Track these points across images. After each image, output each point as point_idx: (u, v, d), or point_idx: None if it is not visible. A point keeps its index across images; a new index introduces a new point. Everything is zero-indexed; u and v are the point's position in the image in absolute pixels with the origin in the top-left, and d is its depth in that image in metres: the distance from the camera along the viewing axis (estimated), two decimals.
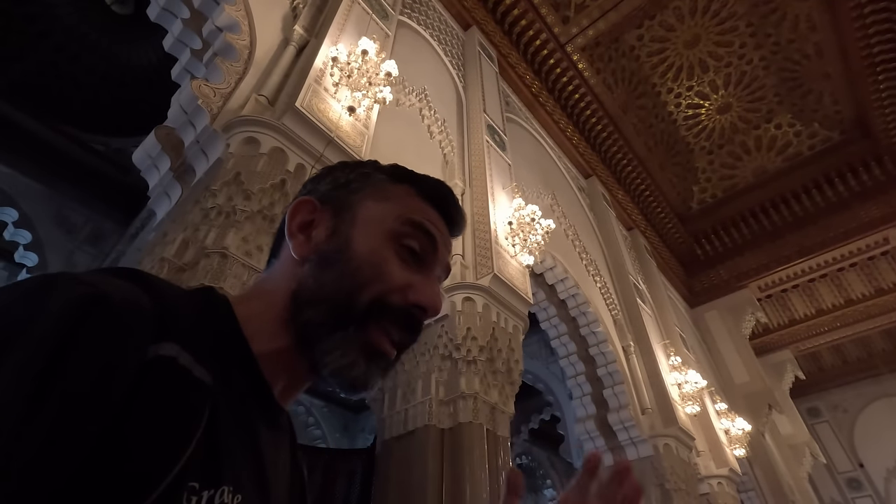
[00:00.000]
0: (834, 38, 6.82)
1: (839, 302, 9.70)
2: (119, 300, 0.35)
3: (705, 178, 9.13)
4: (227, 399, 0.40)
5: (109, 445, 0.30)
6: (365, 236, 0.52)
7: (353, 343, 0.48)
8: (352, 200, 0.55)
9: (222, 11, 2.73)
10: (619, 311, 5.72)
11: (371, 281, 0.49)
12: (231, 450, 0.39)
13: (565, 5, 6.61)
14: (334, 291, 0.49)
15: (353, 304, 0.48)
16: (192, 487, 0.34)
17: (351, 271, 0.49)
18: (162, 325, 0.37)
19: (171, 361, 0.36)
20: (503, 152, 4.43)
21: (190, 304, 0.44)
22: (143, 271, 0.42)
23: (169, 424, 0.34)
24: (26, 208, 4.78)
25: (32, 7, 4.62)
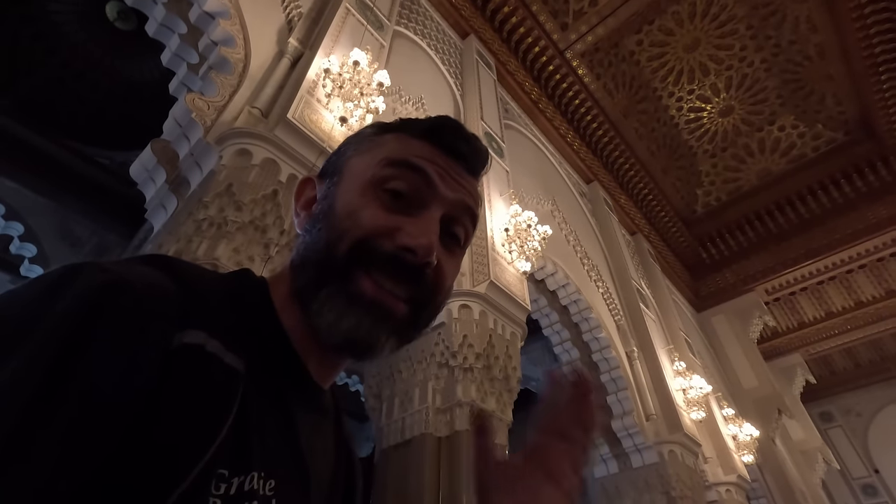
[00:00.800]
0: (835, 38, 6.79)
1: (849, 304, 9.56)
2: (141, 287, 0.34)
3: (709, 181, 9.08)
4: (260, 385, 0.39)
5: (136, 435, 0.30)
6: (346, 191, 0.48)
7: (338, 296, 0.44)
8: (339, 164, 0.52)
9: (217, 26, 2.78)
10: (622, 316, 5.68)
11: (349, 229, 0.45)
12: (264, 436, 0.38)
13: (563, 12, 6.64)
14: (316, 250, 0.46)
15: (332, 255, 0.45)
16: (222, 475, 0.33)
17: (330, 226, 0.47)
18: (188, 312, 0.36)
19: (199, 349, 0.35)
20: (501, 159, 4.44)
21: (221, 290, 0.43)
22: (173, 258, 0.42)
23: (197, 413, 0.33)
24: (32, 222, 4.86)
25: (39, 26, 4.73)
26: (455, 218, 0.50)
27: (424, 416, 2.74)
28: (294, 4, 3.33)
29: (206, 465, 0.32)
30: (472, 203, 0.52)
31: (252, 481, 0.35)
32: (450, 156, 0.51)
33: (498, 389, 2.99)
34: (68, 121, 5.15)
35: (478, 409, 0.53)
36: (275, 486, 0.37)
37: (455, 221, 0.50)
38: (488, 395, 2.91)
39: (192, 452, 0.32)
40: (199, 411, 0.33)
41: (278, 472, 0.38)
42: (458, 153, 0.51)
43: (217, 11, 2.85)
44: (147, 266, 0.38)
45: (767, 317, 9.05)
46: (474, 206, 0.52)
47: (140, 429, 0.30)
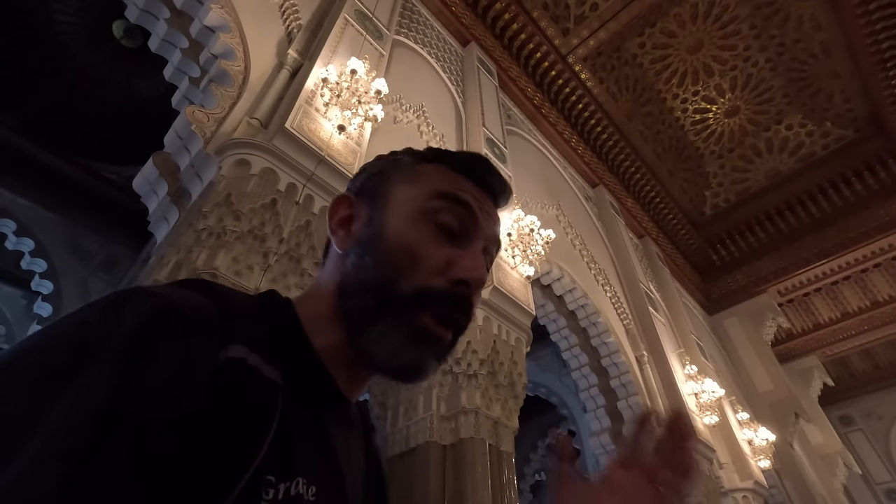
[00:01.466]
0: (840, 35, 6.72)
1: (865, 304, 9.37)
2: (188, 310, 0.37)
3: (717, 182, 9.00)
4: (295, 396, 0.41)
5: (189, 448, 0.32)
6: (397, 219, 0.51)
7: (400, 329, 0.47)
8: (384, 187, 0.55)
9: (217, 39, 2.82)
10: (630, 320, 5.61)
11: (409, 266, 0.48)
12: (303, 444, 0.40)
13: (564, 17, 6.66)
14: (374, 278, 0.48)
15: (395, 291, 0.47)
16: (269, 481, 0.35)
17: (387, 255, 0.49)
18: (229, 330, 0.39)
19: (241, 363, 0.38)
20: (504, 165, 4.44)
21: (254, 309, 0.45)
22: (209, 281, 0.45)
23: (244, 423, 0.35)
24: (42, 237, 4.95)
25: (47, 48, 4.85)
26: (489, 249, 0.55)
27: (429, 424, 2.72)
28: (293, 17, 3.37)
29: (256, 471, 0.34)
30: (499, 234, 0.58)
31: (298, 486, 0.37)
32: (485, 190, 0.55)
33: (503, 396, 2.96)
34: (77, 138, 5.26)
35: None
36: (316, 493, 0.39)
37: (486, 251, 0.54)
38: (493, 402, 2.88)
39: (242, 460, 0.34)
40: (245, 420, 0.36)
41: (318, 480, 0.40)
42: (492, 189, 0.56)
43: (217, 25, 2.90)
44: (189, 290, 0.41)
45: (781, 318, 8.90)
46: (500, 237, 0.58)
47: (192, 441, 0.32)
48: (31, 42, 4.86)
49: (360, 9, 3.71)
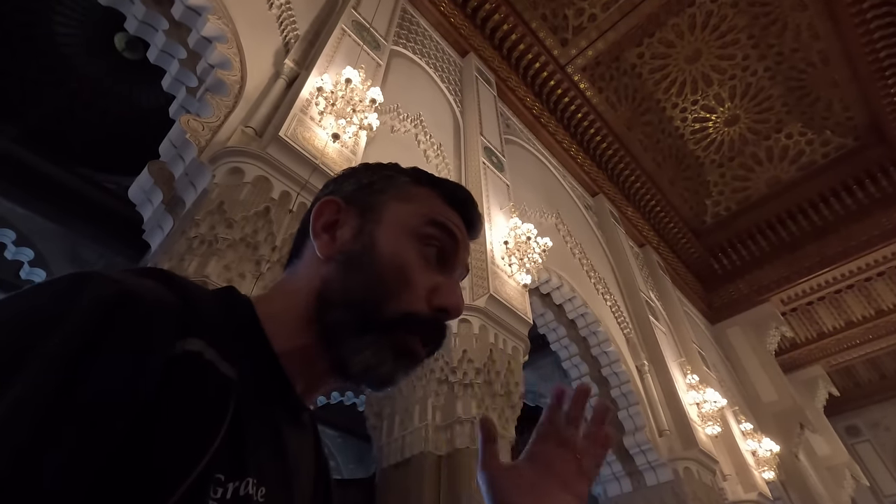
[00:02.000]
0: (838, 45, 6.74)
1: (869, 313, 9.29)
2: (148, 298, 0.36)
3: (718, 191, 8.98)
4: (250, 395, 0.41)
5: (137, 438, 0.31)
6: (390, 237, 0.52)
7: (383, 345, 0.48)
8: (376, 201, 0.55)
9: (214, 50, 2.85)
10: (631, 329, 5.57)
11: (399, 289, 0.49)
12: (255, 444, 0.39)
13: (563, 28, 6.70)
14: (362, 297, 0.49)
15: (381, 312, 0.48)
16: (218, 479, 0.34)
17: (377, 276, 0.49)
18: (187, 322, 0.38)
19: (198, 356, 0.37)
20: (501, 173, 4.44)
21: (213, 303, 0.45)
22: (169, 271, 0.44)
23: (196, 417, 0.35)
24: (41, 247, 4.97)
25: (49, 59, 4.91)
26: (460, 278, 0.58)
27: (424, 434, 2.69)
28: (291, 27, 3.40)
29: (204, 468, 0.33)
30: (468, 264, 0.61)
31: (247, 487, 0.36)
32: (466, 223, 0.58)
33: (500, 405, 2.93)
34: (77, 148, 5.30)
35: (483, 416, 0.59)
36: (266, 494, 0.38)
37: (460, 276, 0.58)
38: (489, 412, 2.84)
39: (191, 455, 0.33)
40: (197, 415, 0.35)
41: (268, 481, 0.39)
42: (472, 225, 0.59)
43: (214, 36, 2.92)
44: (149, 279, 0.40)
45: (784, 327, 8.83)
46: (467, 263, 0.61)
47: (141, 431, 0.31)
48: (33, 53, 4.92)
49: (358, 20, 3.74)
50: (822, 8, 6.37)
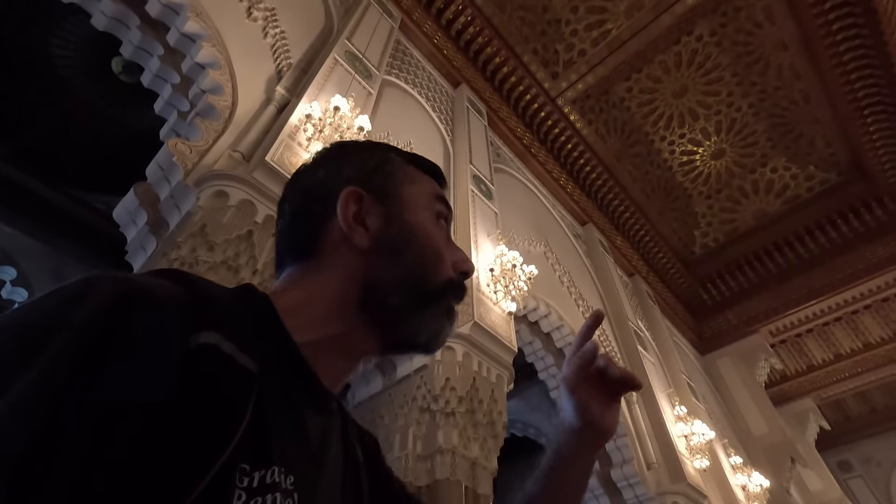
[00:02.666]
0: (818, 84, 6.97)
1: (857, 346, 9.32)
2: (159, 294, 0.36)
3: (706, 222, 9.11)
4: (272, 385, 0.41)
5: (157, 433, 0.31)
6: (416, 219, 0.57)
7: (438, 314, 0.55)
8: (391, 186, 0.59)
9: (207, 75, 2.90)
10: (619, 359, 5.55)
11: (437, 262, 0.56)
12: (280, 433, 0.40)
13: (554, 62, 6.90)
14: (413, 278, 0.54)
15: (430, 287, 0.55)
16: (244, 469, 0.35)
17: (419, 256, 0.55)
18: (202, 317, 0.38)
19: (214, 349, 0.37)
20: (489, 201, 4.49)
21: (230, 299, 0.46)
22: (183, 271, 0.45)
23: (216, 410, 0.35)
24: (25, 266, 4.92)
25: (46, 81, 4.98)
26: None
27: (404, 464, 2.63)
28: (284, 56, 3.48)
29: (228, 458, 0.33)
30: None
31: (273, 475, 0.37)
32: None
33: (482, 435, 2.89)
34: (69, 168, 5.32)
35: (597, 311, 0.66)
36: (294, 482, 0.39)
37: None
38: (471, 442, 2.80)
39: (214, 446, 0.33)
40: (217, 407, 0.35)
41: (296, 469, 0.40)
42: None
43: (208, 62, 2.99)
44: (163, 278, 0.41)
45: (774, 359, 8.83)
46: None
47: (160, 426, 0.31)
48: (30, 75, 4.99)
49: (351, 50, 3.83)
50: (802, 49, 6.62)
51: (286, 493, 0.37)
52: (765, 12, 6.40)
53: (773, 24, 6.50)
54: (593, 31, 6.63)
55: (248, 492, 0.34)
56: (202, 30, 3.02)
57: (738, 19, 6.55)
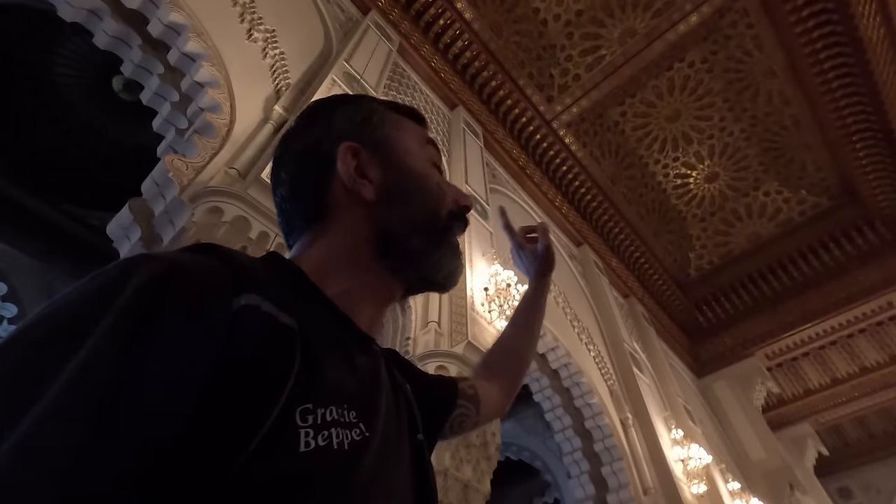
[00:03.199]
0: (808, 110, 7.12)
1: (854, 370, 9.29)
2: (195, 267, 0.38)
3: (700, 244, 9.17)
4: (317, 335, 0.43)
5: (214, 393, 0.32)
6: (412, 162, 0.60)
7: (448, 248, 0.59)
8: (382, 135, 0.60)
9: (206, 94, 2.94)
10: (615, 381, 5.50)
11: (439, 199, 0.59)
12: (334, 375, 0.42)
13: (549, 86, 7.04)
14: (425, 217, 0.57)
15: (437, 222, 0.58)
16: (307, 408, 0.36)
17: (424, 196, 0.58)
18: (240, 282, 0.40)
19: (256, 309, 0.39)
20: (485, 221, 4.51)
21: (261, 265, 0.48)
22: (214, 244, 0.46)
23: (267, 360, 0.36)
24: (16, 281, 4.88)
25: (46, 97, 5.03)
26: None
27: None
28: (283, 76, 3.54)
29: (286, 402, 0.35)
30: None
31: (334, 412, 0.38)
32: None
33: (475, 457, 2.83)
34: (64, 184, 5.33)
35: (499, 207, 1.20)
36: (357, 415, 0.41)
37: None
38: (464, 463, 2.75)
39: (269, 395, 0.35)
40: (267, 359, 0.37)
41: (357, 403, 0.42)
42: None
43: (207, 82, 3.03)
44: (193, 252, 0.42)
45: (770, 383, 8.78)
46: None
47: (216, 387, 0.33)
48: (31, 91, 5.04)
49: (349, 71, 3.90)
50: (791, 76, 6.78)
51: (350, 426, 0.39)
52: (754, 41, 6.58)
53: (762, 52, 6.66)
54: (588, 56, 6.78)
55: (314, 428, 0.36)
56: (203, 50, 3.07)
57: (729, 47, 6.72)
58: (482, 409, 0.79)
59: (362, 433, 0.40)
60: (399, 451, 0.49)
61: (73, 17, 3.18)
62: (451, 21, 5.99)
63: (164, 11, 3.06)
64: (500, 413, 0.89)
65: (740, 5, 6.25)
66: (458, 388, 0.75)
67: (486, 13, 6.24)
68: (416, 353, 3.00)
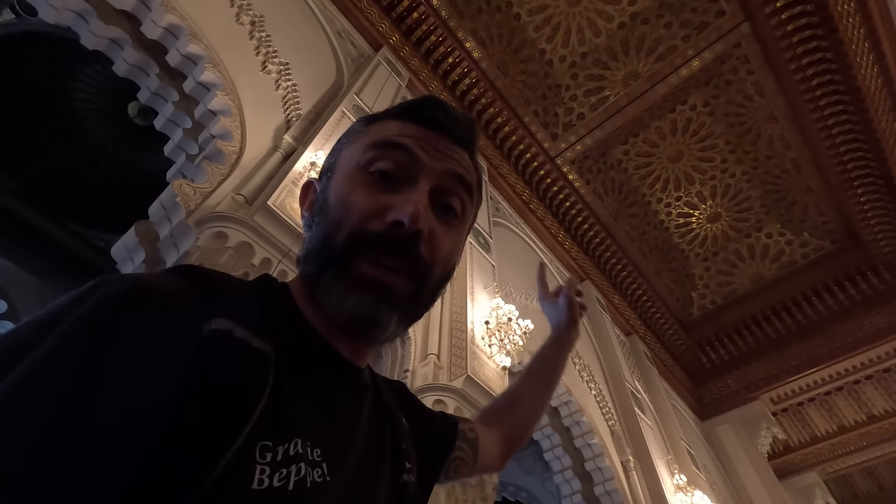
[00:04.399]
0: (809, 155, 7.21)
1: (861, 418, 9.06)
2: (164, 287, 0.36)
3: (703, 284, 9.12)
4: (293, 366, 0.41)
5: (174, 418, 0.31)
6: (338, 182, 0.51)
7: (338, 280, 0.45)
8: (333, 159, 0.55)
9: (218, 122, 3.01)
10: (616, 421, 5.38)
11: (343, 218, 0.47)
12: (304, 409, 0.40)
13: (553, 124, 7.18)
14: (317, 241, 0.48)
15: (332, 244, 0.47)
16: (266, 446, 0.35)
17: (329, 215, 0.48)
18: (213, 305, 0.39)
19: (227, 334, 0.37)
20: (487, 254, 4.52)
21: (245, 289, 0.46)
22: (198, 266, 0.44)
23: (232, 391, 0.35)
24: (16, 300, 4.88)
25: (63, 120, 5.16)
26: (447, 188, 0.50)
27: None
28: (294, 107, 3.63)
29: (247, 437, 0.34)
30: (464, 172, 0.52)
31: (297, 446, 0.37)
32: (433, 129, 0.51)
33: (471, 497, 2.75)
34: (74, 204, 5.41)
35: (540, 263, 1.07)
36: (322, 453, 0.39)
37: (448, 192, 0.51)
38: (460, 503, 2.66)
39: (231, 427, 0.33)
40: (233, 389, 0.35)
41: (324, 441, 0.40)
42: (440, 124, 0.52)
43: (220, 110, 3.11)
44: (173, 274, 0.41)
45: (776, 428, 8.55)
46: (466, 174, 0.53)
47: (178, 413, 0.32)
48: (48, 113, 5.18)
49: (359, 104, 4.00)
50: (791, 122, 6.90)
51: (313, 464, 0.38)
52: (754, 87, 6.73)
53: (763, 98, 6.81)
54: (592, 96, 6.94)
55: (271, 466, 0.34)
56: (218, 79, 3.17)
57: (730, 92, 6.88)
58: (480, 456, 0.73)
59: (324, 475, 0.38)
60: (373, 493, 0.46)
61: (96, 45, 3.29)
62: (460, 59, 6.17)
63: (182, 42, 3.18)
64: (497, 467, 0.82)
65: (741, 52, 6.43)
66: (459, 429, 0.70)
67: (494, 53, 6.43)
68: (414, 386, 2.95)
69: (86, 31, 3.22)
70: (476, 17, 6.22)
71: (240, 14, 3.63)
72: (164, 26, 3.18)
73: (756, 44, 6.28)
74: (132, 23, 3.24)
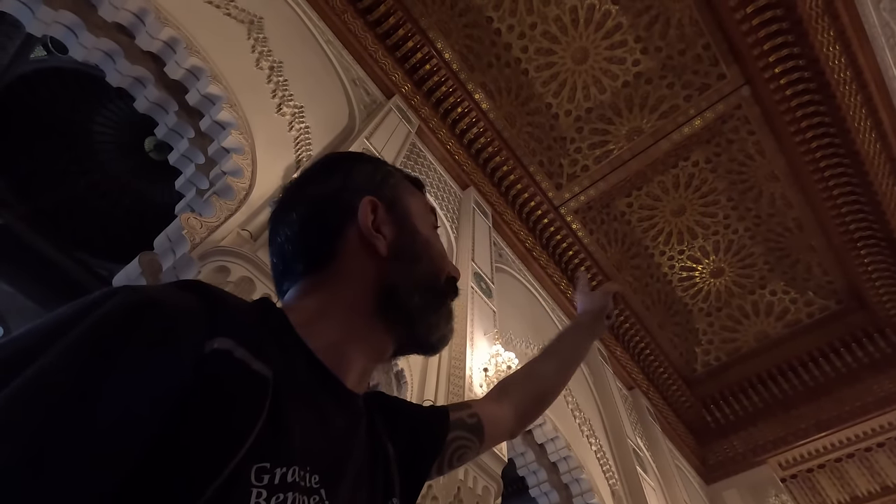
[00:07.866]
0: (811, 214, 7.27)
1: (875, 489, 8.62)
2: (170, 302, 0.37)
3: (707, 339, 8.98)
4: (292, 389, 0.42)
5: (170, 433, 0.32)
6: (422, 228, 0.63)
7: (448, 312, 0.62)
8: (396, 196, 0.63)
9: (230, 159, 3.08)
10: (616, 480, 5.16)
11: (441, 265, 0.63)
12: (302, 434, 0.40)
13: (558, 174, 7.33)
14: (426, 279, 0.60)
15: (438, 285, 0.61)
16: (263, 468, 0.35)
17: (429, 260, 0.61)
18: (216, 324, 0.39)
19: (227, 354, 0.38)
20: (489, 299, 4.50)
21: (247, 310, 0.47)
22: (202, 282, 0.46)
23: (230, 411, 0.35)
24: (14, 326, 4.85)
25: (79, 151, 5.32)
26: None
27: None
28: (306, 148, 3.73)
29: (243, 458, 0.34)
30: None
31: (295, 473, 0.37)
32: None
33: None
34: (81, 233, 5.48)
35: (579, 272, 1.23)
36: (320, 480, 0.39)
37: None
38: None
39: (227, 448, 0.34)
40: (231, 409, 0.36)
41: (321, 467, 0.40)
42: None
43: (233, 148, 3.19)
44: (180, 289, 0.42)
45: (785, 496, 8.15)
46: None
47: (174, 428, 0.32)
48: (66, 145, 5.34)
49: (369, 147, 4.10)
50: (793, 182, 7.01)
51: (310, 491, 0.38)
52: (755, 146, 6.89)
53: (764, 157, 6.96)
54: (596, 149, 7.11)
55: (268, 489, 0.35)
56: (233, 119, 3.28)
57: (731, 150, 7.04)
58: (486, 436, 0.77)
59: (321, 500, 0.38)
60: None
61: (120, 82, 3.44)
62: (469, 109, 6.38)
63: (203, 83, 3.31)
64: (509, 435, 0.87)
65: (742, 113, 6.63)
66: (451, 420, 0.74)
67: (502, 105, 6.66)
68: None
69: (112, 70, 3.37)
70: (486, 71, 6.48)
71: (260, 59, 3.80)
72: (186, 67, 3.33)
73: (756, 106, 6.48)
74: (157, 63, 3.39)
